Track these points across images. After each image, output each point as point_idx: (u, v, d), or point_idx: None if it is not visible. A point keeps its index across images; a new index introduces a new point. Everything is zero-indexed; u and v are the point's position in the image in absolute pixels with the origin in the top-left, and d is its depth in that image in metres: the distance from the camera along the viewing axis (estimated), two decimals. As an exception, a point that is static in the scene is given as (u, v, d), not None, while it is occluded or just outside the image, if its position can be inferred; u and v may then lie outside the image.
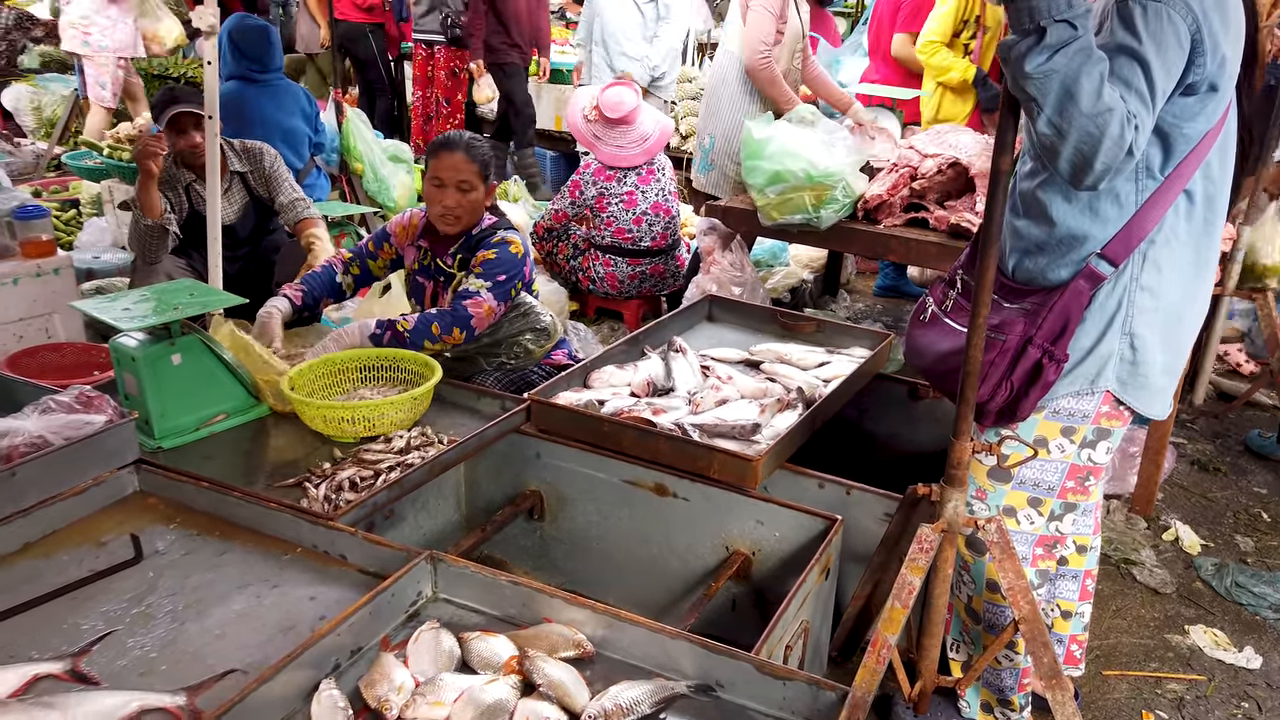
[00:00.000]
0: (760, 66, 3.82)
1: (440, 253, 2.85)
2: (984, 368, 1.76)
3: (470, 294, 2.66)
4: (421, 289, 2.93)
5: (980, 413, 1.84)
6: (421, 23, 6.83)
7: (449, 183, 2.69)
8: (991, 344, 1.80)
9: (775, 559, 2.15)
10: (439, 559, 1.70)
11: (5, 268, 3.39)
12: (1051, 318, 1.76)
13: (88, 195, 5.25)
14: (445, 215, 2.73)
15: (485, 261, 2.71)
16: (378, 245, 2.94)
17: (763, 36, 3.79)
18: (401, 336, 2.59)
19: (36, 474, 1.80)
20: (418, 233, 2.91)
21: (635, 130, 4.21)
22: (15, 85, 7.06)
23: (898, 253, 3.29)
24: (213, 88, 2.81)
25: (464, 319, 2.63)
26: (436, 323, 2.62)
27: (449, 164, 2.69)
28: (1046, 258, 1.81)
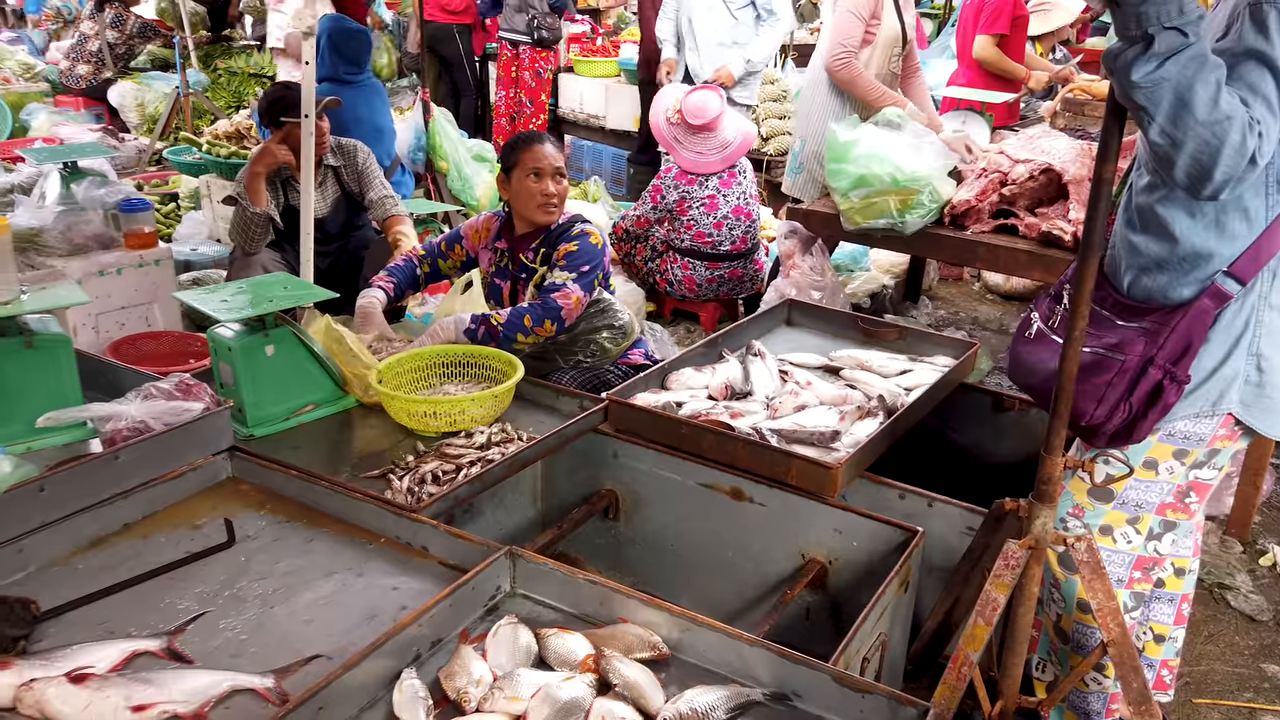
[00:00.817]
0: (836, 67, 3.75)
1: (522, 248, 2.90)
2: (1100, 388, 1.71)
3: (557, 286, 2.72)
4: (499, 290, 2.98)
5: (1093, 433, 1.78)
6: (510, 22, 6.93)
7: (547, 171, 2.78)
8: (1108, 364, 1.73)
9: (852, 569, 2.12)
10: (518, 555, 1.72)
11: (110, 258, 3.55)
12: (1174, 338, 1.69)
13: (186, 189, 5.46)
14: (547, 204, 2.80)
15: (568, 254, 2.76)
16: (449, 246, 3.02)
17: (843, 38, 3.72)
18: (495, 331, 2.65)
19: (138, 457, 1.87)
20: (493, 235, 2.97)
21: (716, 137, 4.19)
22: (121, 83, 7.38)
23: (985, 260, 3.22)
24: (310, 87, 2.90)
25: (554, 310, 2.69)
26: (529, 315, 2.68)
27: (543, 154, 2.78)
28: (1168, 275, 1.73)
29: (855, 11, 3.71)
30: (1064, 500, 1.97)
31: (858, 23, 3.72)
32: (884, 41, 3.82)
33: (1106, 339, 1.78)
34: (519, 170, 2.80)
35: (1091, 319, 1.82)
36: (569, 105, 7.41)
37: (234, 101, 7.16)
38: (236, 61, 7.35)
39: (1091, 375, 1.77)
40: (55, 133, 6.74)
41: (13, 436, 1.97)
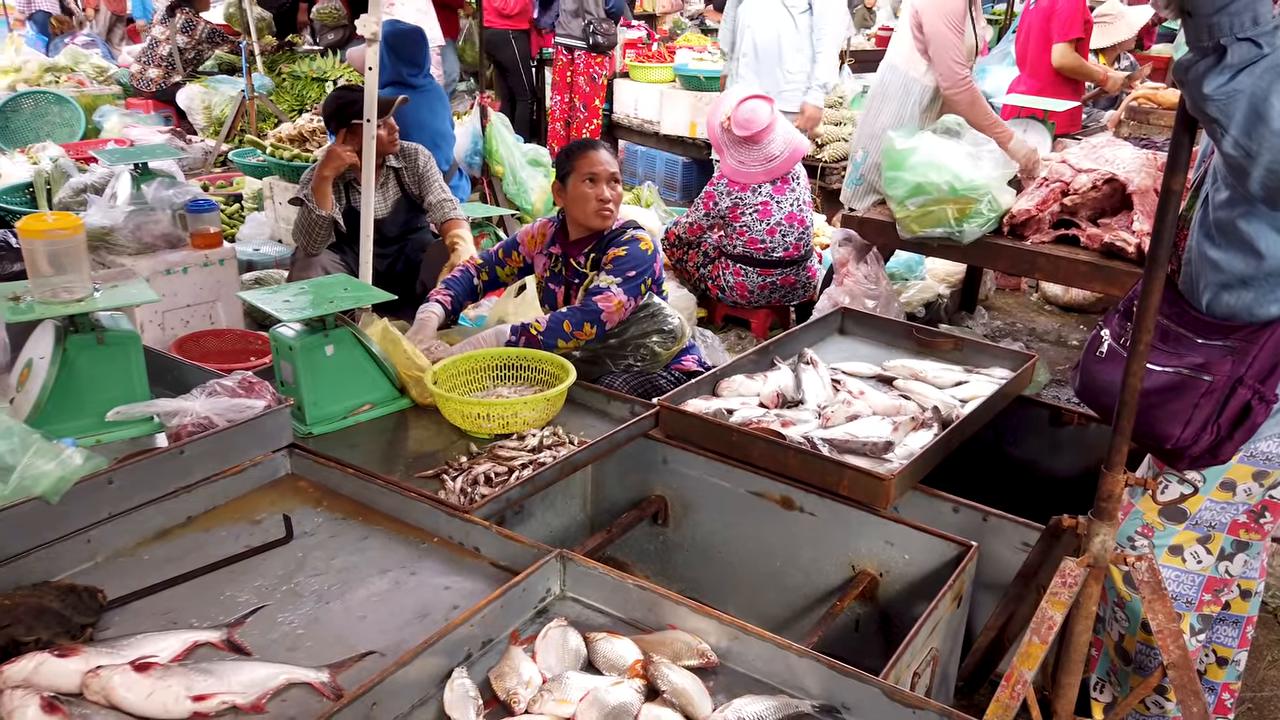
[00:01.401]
0: (959, 89, 3.55)
1: (574, 254, 2.92)
2: (1186, 410, 1.67)
3: (600, 290, 2.74)
4: (554, 296, 3.00)
5: (1178, 456, 1.74)
6: (566, 27, 6.98)
7: (602, 177, 2.81)
8: (1194, 384, 1.69)
9: (903, 582, 2.10)
10: (568, 558, 1.73)
11: (176, 257, 3.65)
12: (1262, 356, 1.65)
13: (250, 190, 5.59)
14: (602, 209, 2.83)
15: (615, 259, 2.78)
16: (506, 253, 3.07)
17: (954, 56, 3.54)
18: (535, 341, 2.68)
19: (202, 452, 1.92)
20: (548, 241, 3.00)
21: (761, 151, 4.16)
22: (189, 86, 7.58)
23: (1045, 271, 3.16)
24: (373, 92, 2.95)
25: (594, 314, 2.71)
26: (568, 320, 2.70)
27: (599, 160, 2.81)
28: (1253, 292, 1.68)
29: (952, 25, 3.56)
30: (1133, 519, 1.93)
31: (958, 37, 3.57)
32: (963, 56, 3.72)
33: (1190, 358, 1.73)
34: (575, 176, 2.82)
35: (1170, 338, 1.78)
36: (623, 110, 7.43)
37: (297, 105, 7.30)
38: (300, 66, 7.50)
39: (1176, 397, 1.72)
40: (126, 134, 6.95)
41: (84, 429, 2.04)
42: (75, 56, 8.39)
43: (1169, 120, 5.25)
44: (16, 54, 8.24)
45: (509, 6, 7.26)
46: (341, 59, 7.91)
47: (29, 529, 1.66)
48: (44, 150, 5.83)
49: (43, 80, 7.93)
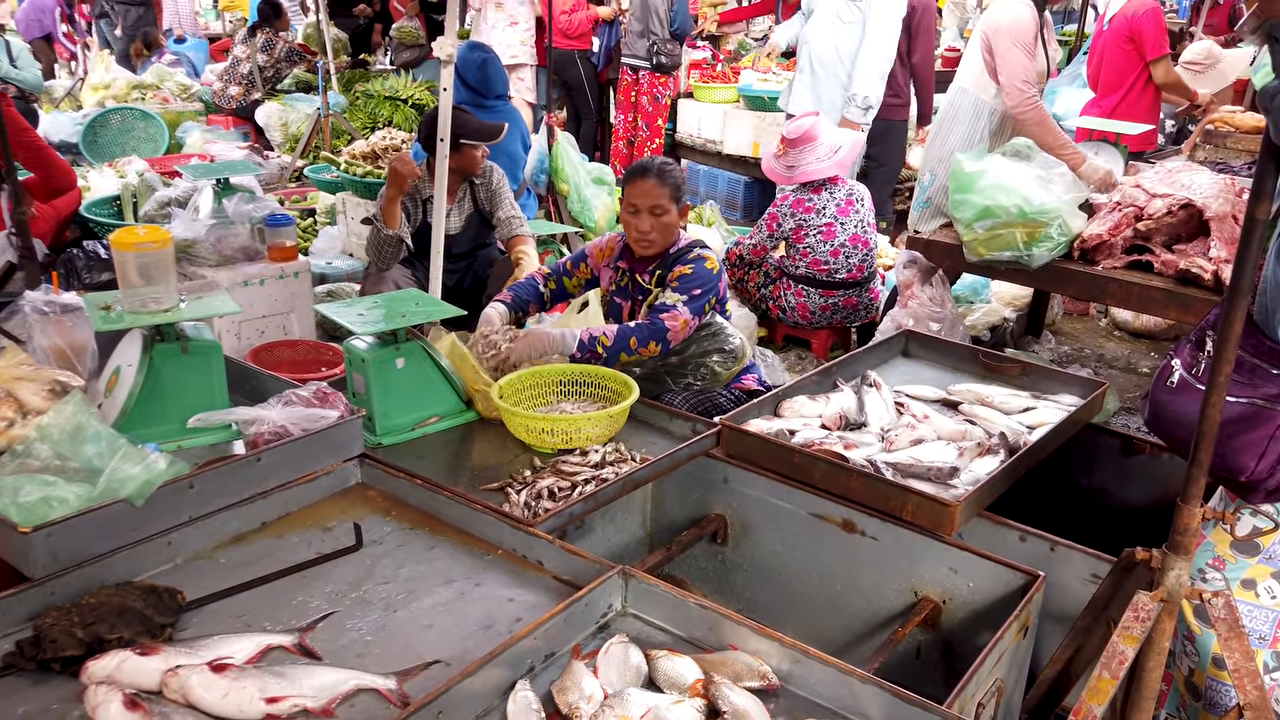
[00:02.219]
0: (1026, 109, 3.53)
1: (640, 270, 2.96)
2: (1261, 442, 1.63)
3: (666, 308, 2.76)
4: (619, 309, 3.03)
5: (1252, 489, 1.70)
6: (631, 47, 7.07)
7: (643, 208, 2.82)
8: (1268, 415, 1.65)
9: (967, 610, 2.07)
10: (630, 574, 1.75)
11: (254, 269, 3.77)
12: None
13: (324, 205, 5.74)
14: (640, 240, 2.86)
15: (681, 276, 2.80)
16: (575, 265, 3.09)
17: (1024, 76, 3.53)
18: (600, 351, 2.71)
19: (277, 461, 1.98)
20: (615, 255, 3.03)
21: (822, 144, 4.14)
22: (267, 103, 7.84)
23: (1116, 297, 3.10)
24: (446, 112, 3.03)
25: (660, 332, 2.73)
26: (634, 336, 2.73)
27: (642, 190, 2.81)
28: None
29: (1023, 46, 3.53)
30: (1204, 551, 1.89)
31: (1028, 59, 3.54)
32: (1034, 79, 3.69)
33: (1265, 389, 1.69)
34: (623, 202, 2.88)
35: (1244, 368, 1.74)
36: (686, 130, 7.48)
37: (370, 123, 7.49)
38: (374, 85, 7.70)
39: (1250, 428, 1.68)
40: (206, 149, 7.21)
41: (167, 435, 2.12)
42: (161, 74, 8.74)
43: (1246, 144, 5.11)
44: (106, 72, 8.60)
45: (573, 28, 7.38)
46: (414, 78, 8.10)
47: (114, 530, 1.73)
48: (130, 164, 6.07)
49: (130, 97, 8.27)
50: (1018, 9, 3.53)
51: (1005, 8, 3.60)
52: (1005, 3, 3.66)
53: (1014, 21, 3.51)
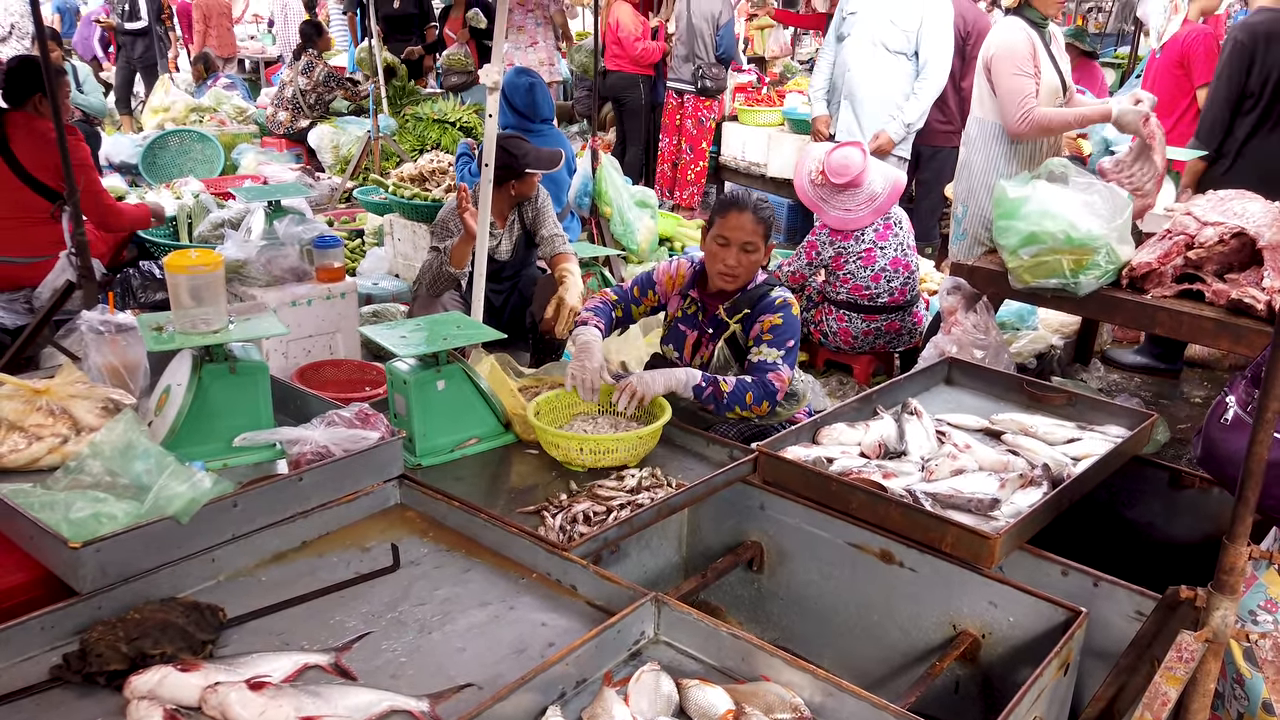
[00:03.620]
0: (1022, 125, 3.58)
1: (711, 306, 2.92)
2: None
3: (769, 366, 2.72)
4: (683, 337, 3.00)
5: None
6: (677, 71, 7.12)
7: (734, 242, 2.77)
8: None
9: (1007, 645, 2.03)
10: (663, 602, 1.75)
11: (302, 289, 3.85)
12: None
13: (372, 227, 5.85)
14: (725, 274, 2.81)
15: (774, 328, 2.77)
16: (643, 292, 3.01)
17: (1020, 97, 3.57)
18: (720, 397, 2.66)
19: (319, 480, 2.02)
20: (686, 283, 2.98)
21: (864, 191, 4.10)
22: (320, 126, 8.02)
23: (1166, 326, 3.04)
24: (491, 138, 3.07)
25: (772, 393, 2.70)
26: (750, 393, 2.68)
27: (736, 224, 2.76)
28: None
29: (1022, 69, 3.57)
30: (1256, 592, 1.84)
31: (1028, 79, 3.58)
32: (1045, 95, 3.67)
33: None
34: (712, 231, 2.82)
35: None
36: (731, 153, 7.51)
37: (419, 145, 7.63)
38: (423, 108, 7.85)
39: None
40: (260, 171, 7.38)
41: (213, 453, 2.17)
42: (218, 98, 8.98)
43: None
44: (166, 95, 8.87)
45: (645, 56, 7.44)
46: (462, 101, 8.23)
47: (160, 546, 1.77)
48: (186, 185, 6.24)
49: (188, 119, 8.51)
50: (1011, 33, 3.57)
51: (999, 33, 3.64)
52: (1000, 28, 3.71)
53: (1006, 46, 3.55)
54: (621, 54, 7.50)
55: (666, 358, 3.08)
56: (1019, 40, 3.59)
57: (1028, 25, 3.63)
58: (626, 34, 7.43)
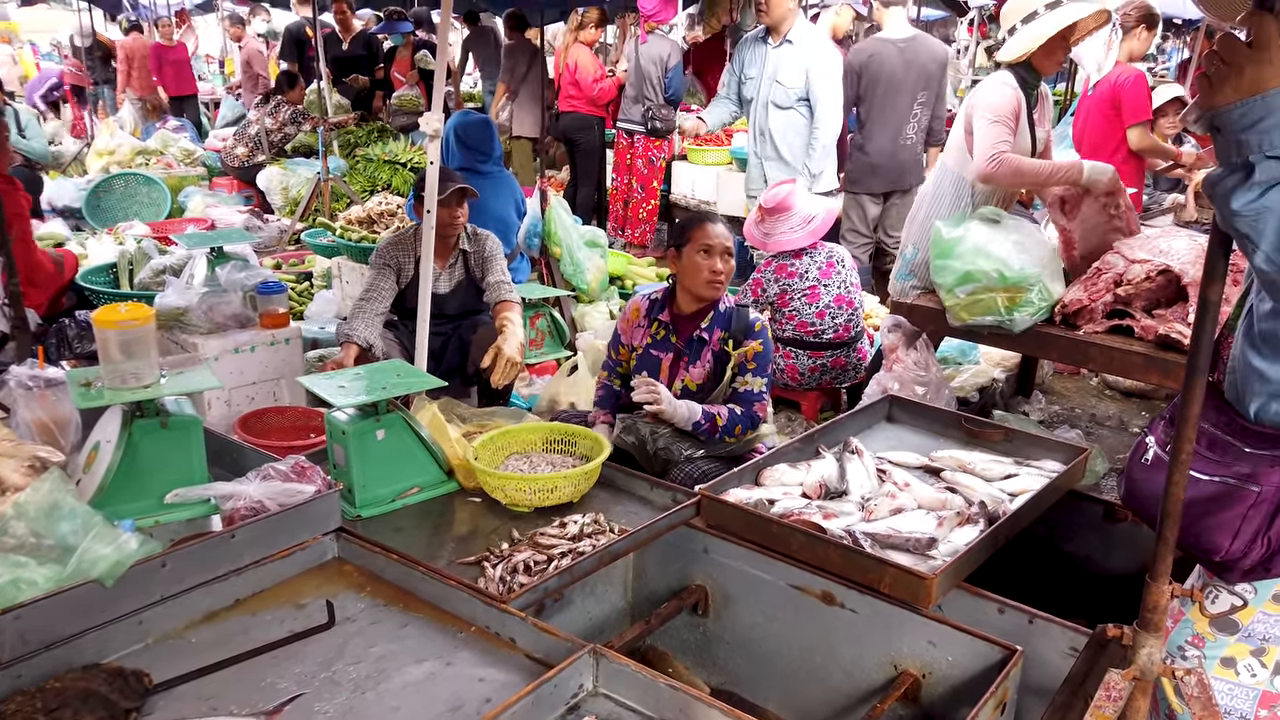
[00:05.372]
0: (992, 166, 3.50)
1: (687, 327, 3.07)
2: (1235, 521, 1.62)
3: (756, 397, 2.97)
4: (656, 362, 3.11)
5: (1228, 569, 1.69)
6: (627, 113, 7.21)
7: (717, 249, 2.96)
8: (1242, 495, 1.64)
9: (947, 684, 2.05)
10: (601, 654, 1.74)
11: (245, 336, 3.81)
12: None
13: (320, 269, 5.81)
14: (715, 279, 2.98)
15: (757, 355, 2.97)
16: (618, 353, 3.21)
17: (995, 141, 3.52)
18: (714, 432, 2.93)
19: (253, 536, 1.98)
20: (644, 313, 3.14)
21: (798, 213, 4.25)
22: (269, 168, 7.98)
23: (1098, 361, 3.11)
24: (433, 184, 3.08)
25: (756, 423, 2.98)
26: (740, 425, 2.95)
27: (715, 232, 2.98)
28: None
29: (999, 119, 3.56)
30: (1184, 627, 1.87)
31: (1006, 129, 3.55)
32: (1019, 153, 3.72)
33: (1237, 468, 1.68)
34: (690, 246, 2.97)
35: (1217, 446, 1.74)
36: (681, 191, 7.59)
37: (369, 185, 7.63)
38: (373, 150, 7.85)
39: (1224, 507, 1.68)
40: (208, 214, 7.32)
41: (144, 510, 2.12)
42: (165, 140, 8.90)
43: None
44: (111, 138, 8.77)
45: (602, 96, 7.53)
46: (413, 142, 8.25)
47: (83, 611, 1.73)
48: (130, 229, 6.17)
49: (134, 162, 8.42)
50: (999, 89, 3.57)
51: (987, 87, 3.66)
52: (989, 82, 3.72)
53: (992, 100, 3.56)
54: (577, 95, 7.59)
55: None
56: (1006, 98, 3.57)
57: (1017, 85, 3.61)
58: (584, 76, 7.51)
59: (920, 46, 5.48)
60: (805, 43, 5.01)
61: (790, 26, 4.98)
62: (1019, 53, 3.50)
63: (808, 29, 5.18)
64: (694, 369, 3.05)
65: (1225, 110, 1.39)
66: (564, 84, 7.75)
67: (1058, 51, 3.52)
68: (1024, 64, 3.58)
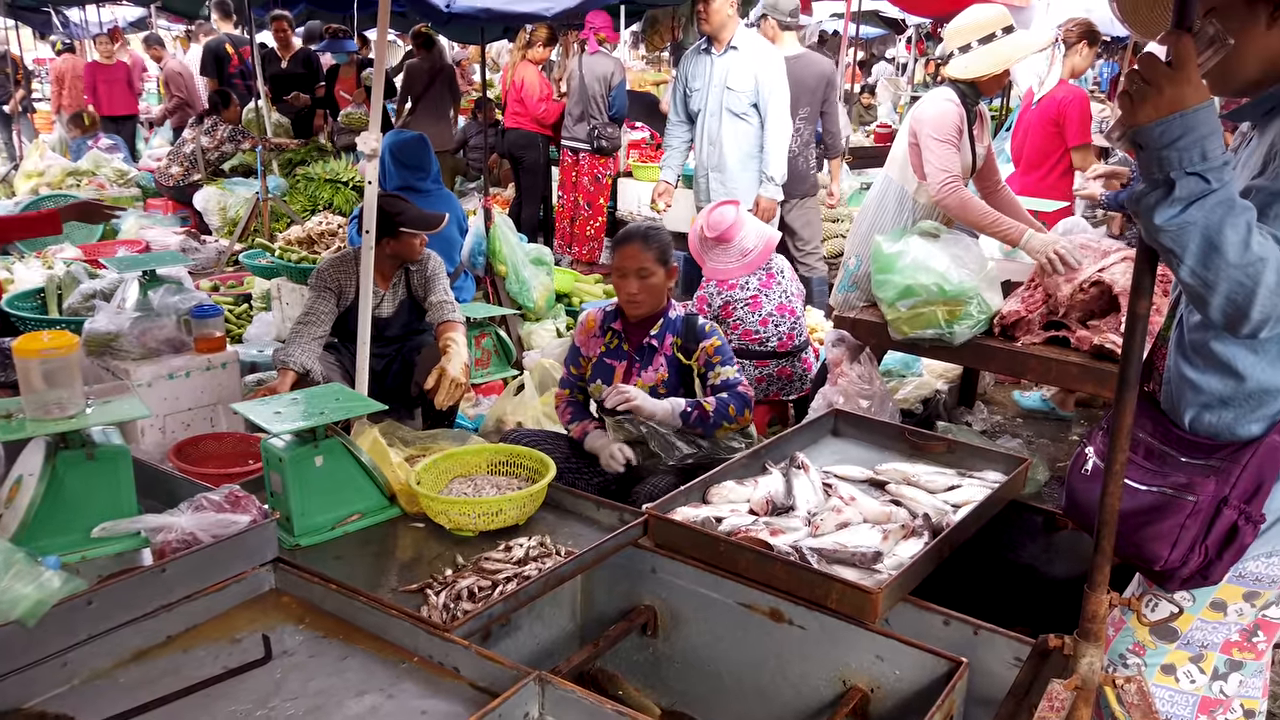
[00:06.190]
0: (944, 195, 3.59)
1: (637, 337, 3.13)
2: (1173, 531, 1.65)
3: (735, 380, 3.03)
4: (609, 370, 3.17)
5: (1168, 578, 1.72)
6: (571, 131, 7.21)
7: (629, 271, 3.01)
8: (1179, 505, 1.67)
9: (895, 698, 2.05)
10: (547, 680, 1.71)
11: (180, 361, 3.71)
12: (1245, 476, 1.63)
13: (259, 291, 5.69)
14: (630, 302, 3.05)
15: (718, 349, 3.06)
16: (575, 363, 3.24)
17: (945, 164, 3.60)
18: (706, 416, 2.96)
19: (184, 570, 1.92)
20: (600, 323, 3.20)
21: (735, 247, 4.30)
22: (206, 188, 7.82)
23: (1036, 372, 3.17)
24: (371, 205, 3.04)
25: (748, 401, 3.02)
26: (732, 405, 2.98)
27: (628, 254, 3.00)
28: (1234, 412, 1.68)
29: (946, 138, 3.61)
30: (1125, 636, 1.90)
31: (953, 150, 3.62)
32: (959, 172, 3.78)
33: (1174, 478, 1.72)
34: (613, 268, 3.06)
35: (1154, 456, 1.77)
36: (627, 207, 7.62)
37: (310, 205, 7.50)
38: (315, 168, 7.74)
39: (1162, 518, 1.71)
40: (142, 235, 7.13)
41: (70, 545, 2.04)
42: (97, 160, 8.68)
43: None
44: (41, 159, 8.52)
45: (548, 116, 7.51)
46: (355, 159, 8.15)
47: (4, 653, 1.65)
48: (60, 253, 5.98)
49: (65, 184, 8.19)
50: (942, 104, 3.63)
51: (930, 102, 3.71)
52: (932, 97, 3.78)
53: (937, 115, 3.62)
54: (523, 112, 7.57)
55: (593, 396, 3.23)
56: (950, 112, 3.63)
57: (958, 99, 3.67)
58: (530, 94, 7.50)
59: (805, 64, 5.56)
60: (750, 48, 5.04)
61: (731, 34, 5.01)
62: (979, 73, 3.56)
63: (751, 35, 5.20)
64: (646, 374, 3.11)
65: (1146, 128, 1.42)
66: (509, 101, 7.73)
67: (1003, 76, 3.62)
68: (967, 82, 3.66)
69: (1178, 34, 1.40)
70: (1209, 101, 1.41)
